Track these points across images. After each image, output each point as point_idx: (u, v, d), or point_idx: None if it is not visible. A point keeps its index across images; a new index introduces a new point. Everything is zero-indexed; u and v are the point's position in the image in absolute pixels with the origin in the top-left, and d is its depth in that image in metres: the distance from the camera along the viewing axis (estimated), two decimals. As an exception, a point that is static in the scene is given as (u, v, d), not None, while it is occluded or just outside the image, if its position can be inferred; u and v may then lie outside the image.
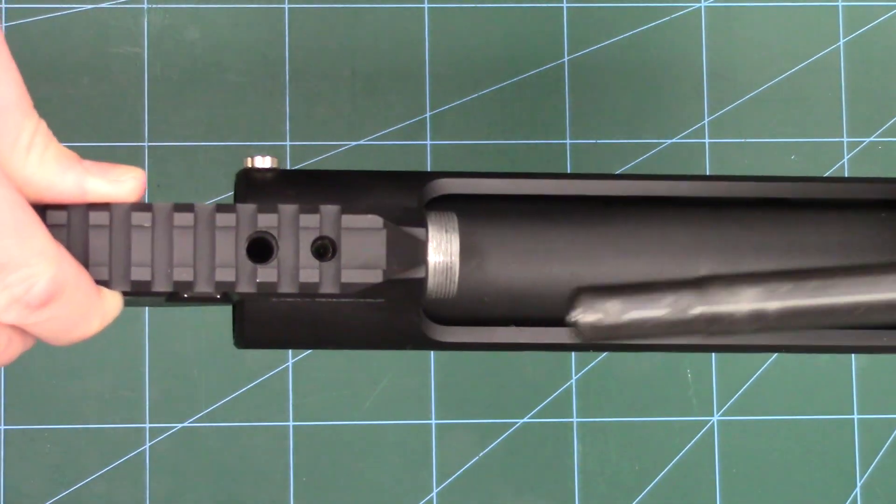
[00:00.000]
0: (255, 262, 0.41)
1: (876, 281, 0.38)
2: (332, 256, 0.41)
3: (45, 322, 0.40)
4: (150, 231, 0.41)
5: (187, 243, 0.41)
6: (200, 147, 0.77)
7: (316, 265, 0.41)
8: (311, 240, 0.41)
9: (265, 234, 0.41)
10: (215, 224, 0.41)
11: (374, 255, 0.41)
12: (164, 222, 0.41)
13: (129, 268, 0.41)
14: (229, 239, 0.41)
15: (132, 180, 0.41)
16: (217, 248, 0.41)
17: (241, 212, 0.41)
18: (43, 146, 0.41)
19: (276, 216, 0.41)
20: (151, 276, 0.41)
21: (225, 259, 0.41)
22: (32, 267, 0.39)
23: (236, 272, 0.41)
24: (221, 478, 0.75)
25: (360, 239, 0.41)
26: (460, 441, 0.77)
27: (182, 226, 0.41)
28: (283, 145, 0.77)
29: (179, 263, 0.41)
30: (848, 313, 0.38)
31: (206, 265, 0.41)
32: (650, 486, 0.77)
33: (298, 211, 0.41)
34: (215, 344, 0.76)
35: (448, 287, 0.42)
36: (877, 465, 0.78)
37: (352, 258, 0.41)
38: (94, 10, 0.77)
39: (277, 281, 0.41)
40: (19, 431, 0.75)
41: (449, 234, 0.42)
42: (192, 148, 0.77)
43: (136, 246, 0.41)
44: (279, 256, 0.41)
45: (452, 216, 0.43)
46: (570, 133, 0.78)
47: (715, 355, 0.78)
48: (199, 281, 0.41)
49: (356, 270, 0.41)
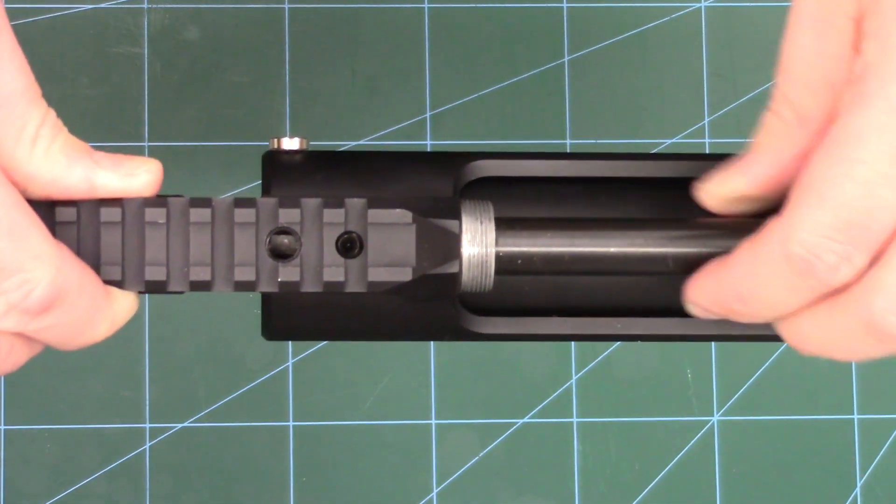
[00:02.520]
0: (276, 259, 0.39)
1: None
2: (358, 253, 0.39)
3: (47, 328, 0.38)
4: (165, 228, 0.39)
5: (204, 241, 0.39)
6: (200, 147, 0.77)
7: (341, 263, 0.39)
8: (336, 236, 0.39)
9: (287, 231, 0.39)
10: (234, 220, 0.39)
11: (403, 252, 0.39)
12: (179, 218, 0.39)
13: (142, 267, 0.38)
14: (249, 236, 0.39)
15: (146, 174, 0.39)
16: (236, 246, 0.39)
17: (261, 207, 0.39)
18: (50, 138, 0.39)
19: (298, 211, 0.39)
20: (167, 275, 0.39)
21: (244, 257, 0.39)
22: (29, 272, 0.36)
23: (256, 271, 0.39)
24: (221, 478, 0.75)
25: (387, 235, 0.39)
26: (460, 441, 0.77)
27: (199, 222, 0.39)
28: (283, 145, 0.77)
29: (196, 262, 0.38)
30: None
31: (225, 264, 0.39)
32: (650, 486, 0.77)
33: (322, 205, 0.39)
34: (215, 344, 0.76)
35: (484, 281, 0.40)
36: (877, 465, 0.78)
37: (379, 255, 0.39)
38: (94, 10, 0.77)
39: (300, 280, 0.39)
40: (19, 431, 0.75)
41: (484, 224, 0.40)
42: (192, 148, 0.77)
43: (150, 244, 0.38)
44: (302, 254, 0.39)
45: (488, 205, 0.40)
46: (570, 133, 0.78)
47: (715, 355, 0.78)
48: (217, 280, 0.39)
49: (384, 268, 0.39)
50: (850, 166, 0.35)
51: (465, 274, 0.39)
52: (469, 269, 0.39)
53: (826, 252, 0.36)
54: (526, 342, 0.43)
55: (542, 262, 0.40)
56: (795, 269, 0.36)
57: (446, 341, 0.45)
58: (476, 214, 0.40)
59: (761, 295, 0.37)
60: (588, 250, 0.40)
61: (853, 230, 0.35)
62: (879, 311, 0.36)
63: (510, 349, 0.77)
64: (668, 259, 0.40)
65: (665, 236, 0.40)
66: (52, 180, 0.38)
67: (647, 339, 0.44)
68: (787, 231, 0.36)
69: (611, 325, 0.43)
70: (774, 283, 0.37)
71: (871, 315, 0.36)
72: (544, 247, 0.40)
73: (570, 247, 0.40)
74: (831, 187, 0.35)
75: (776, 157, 0.38)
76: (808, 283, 0.36)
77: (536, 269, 0.40)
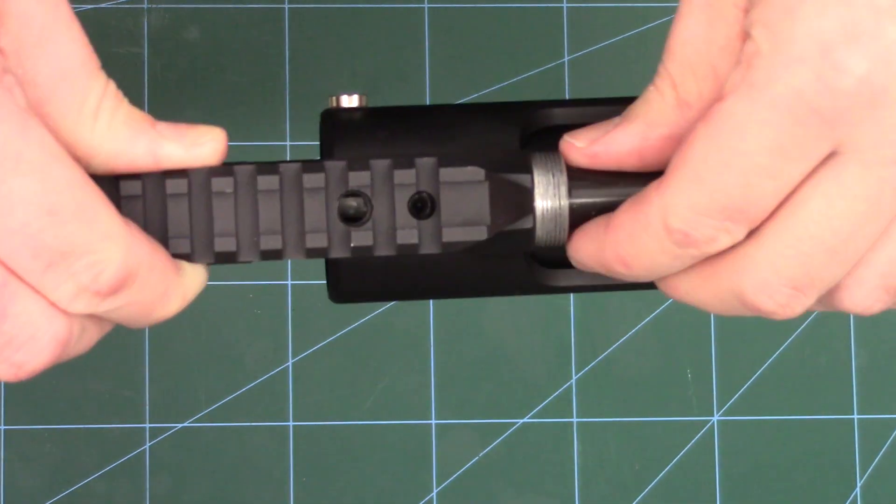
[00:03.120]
0: (347, 224, 0.37)
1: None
2: (430, 213, 0.38)
3: (119, 308, 0.37)
4: (233, 197, 0.37)
5: (273, 208, 0.37)
6: (200, 147, 0.77)
7: (414, 224, 0.37)
8: (408, 197, 0.37)
9: (358, 194, 0.38)
10: (303, 186, 0.37)
11: (477, 210, 0.37)
12: (247, 187, 0.37)
13: (212, 238, 0.37)
14: (319, 201, 0.37)
15: (211, 142, 0.38)
16: (306, 212, 0.37)
17: (329, 171, 0.37)
18: (112, 110, 0.37)
19: (368, 174, 0.37)
20: (237, 246, 0.37)
21: (315, 223, 0.37)
22: (98, 253, 0.35)
23: (328, 237, 0.37)
24: (221, 478, 0.75)
25: (460, 193, 0.37)
26: (460, 441, 0.77)
27: (267, 189, 0.37)
28: (284, 145, 0.77)
29: (266, 231, 0.37)
30: None
31: (295, 231, 0.37)
32: (650, 486, 0.77)
33: (392, 166, 0.37)
34: (215, 344, 0.76)
35: (558, 234, 0.39)
36: (877, 465, 0.78)
37: (453, 215, 0.37)
38: (94, 10, 0.77)
39: (373, 244, 0.37)
40: (19, 431, 0.75)
41: (556, 176, 0.38)
42: (192, 148, 0.77)
43: (218, 214, 0.37)
44: (374, 217, 0.37)
45: (559, 156, 0.39)
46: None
47: (715, 355, 0.78)
48: (288, 248, 0.37)
49: (458, 228, 0.37)
50: (730, 156, 0.35)
51: (539, 229, 0.38)
52: (543, 224, 0.38)
53: (705, 227, 0.36)
54: (526, 341, 0.43)
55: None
56: (675, 239, 0.37)
57: (517, 295, 0.43)
58: (547, 167, 0.39)
59: (643, 260, 0.38)
60: None
61: (730, 212, 0.36)
62: (750, 287, 0.37)
63: (510, 349, 0.77)
64: None
65: None
66: (116, 154, 0.37)
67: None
68: (667, 204, 0.36)
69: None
70: (655, 250, 0.37)
71: (742, 290, 0.37)
72: (619, 196, 0.39)
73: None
74: (711, 173, 0.36)
75: (646, 133, 0.39)
76: (689, 252, 0.37)
77: None
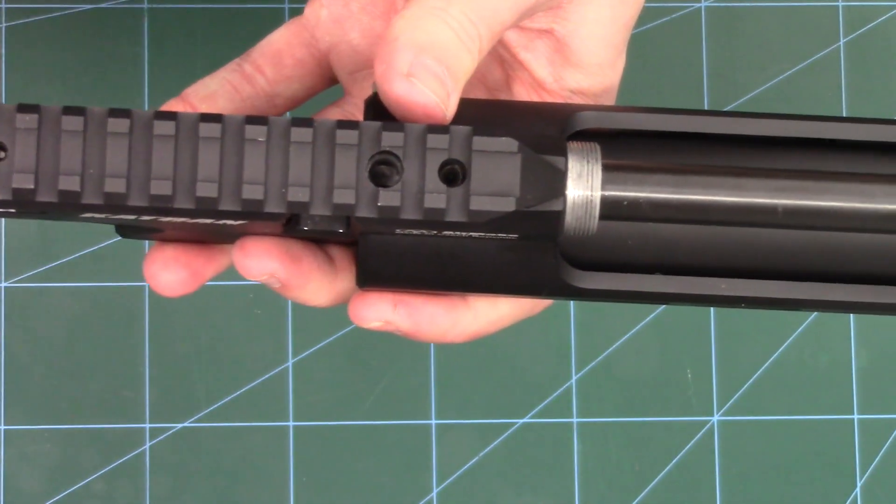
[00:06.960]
0: (377, 184, 0.37)
1: (873, 189, 0.38)
2: (461, 182, 0.37)
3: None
4: (265, 146, 0.37)
5: (304, 161, 0.37)
6: (200, 147, 0.77)
7: (443, 190, 0.37)
8: (440, 162, 0.37)
9: (389, 155, 0.37)
10: (335, 141, 0.37)
11: (508, 182, 0.37)
12: (280, 137, 0.37)
13: (240, 185, 0.37)
14: (350, 158, 0.37)
15: None
16: (336, 168, 0.37)
17: (364, 129, 0.37)
18: None
19: (401, 135, 0.37)
20: (264, 194, 0.37)
21: (345, 179, 0.37)
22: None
23: (356, 194, 0.37)
24: (221, 478, 0.75)
25: (492, 163, 0.37)
26: (460, 441, 0.77)
27: (299, 142, 0.37)
28: (283, 145, 0.77)
29: (295, 182, 0.37)
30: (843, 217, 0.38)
31: (324, 185, 0.37)
32: (650, 486, 0.77)
33: (426, 130, 0.37)
34: (215, 344, 0.76)
35: (588, 223, 0.38)
36: (877, 465, 0.78)
37: (483, 184, 0.37)
38: (94, 10, 0.77)
39: (400, 205, 0.37)
40: (19, 431, 0.75)
41: (591, 164, 0.38)
42: (192, 148, 0.77)
43: (248, 162, 0.37)
44: (403, 179, 0.37)
45: (595, 146, 0.39)
46: (570, 133, 0.78)
47: (715, 355, 0.78)
48: (315, 202, 0.37)
49: (487, 197, 0.37)
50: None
51: (568, 213, 0.38)
52: (573, 210, 0.38)
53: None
54: (532, 340, 0.43)
55: (650, 207, 0.39)
56: None
57: (544, 297, 0.43)
58: (583, 154, 0.38)
59: None
60: (697, 198, 0.39)
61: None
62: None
63: (510, 349, 0.77)
64: (779, 210, 0.39)
65: (776, 186, 0.39)
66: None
67: (753, 303, 0.42)
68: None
69: (716, 286, 0.42)
70: None
71: None
72: (651, 192, 0.38)
73: (678, 193, 0.39)
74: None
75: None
76: None
77: (644, 215, 0.39)
